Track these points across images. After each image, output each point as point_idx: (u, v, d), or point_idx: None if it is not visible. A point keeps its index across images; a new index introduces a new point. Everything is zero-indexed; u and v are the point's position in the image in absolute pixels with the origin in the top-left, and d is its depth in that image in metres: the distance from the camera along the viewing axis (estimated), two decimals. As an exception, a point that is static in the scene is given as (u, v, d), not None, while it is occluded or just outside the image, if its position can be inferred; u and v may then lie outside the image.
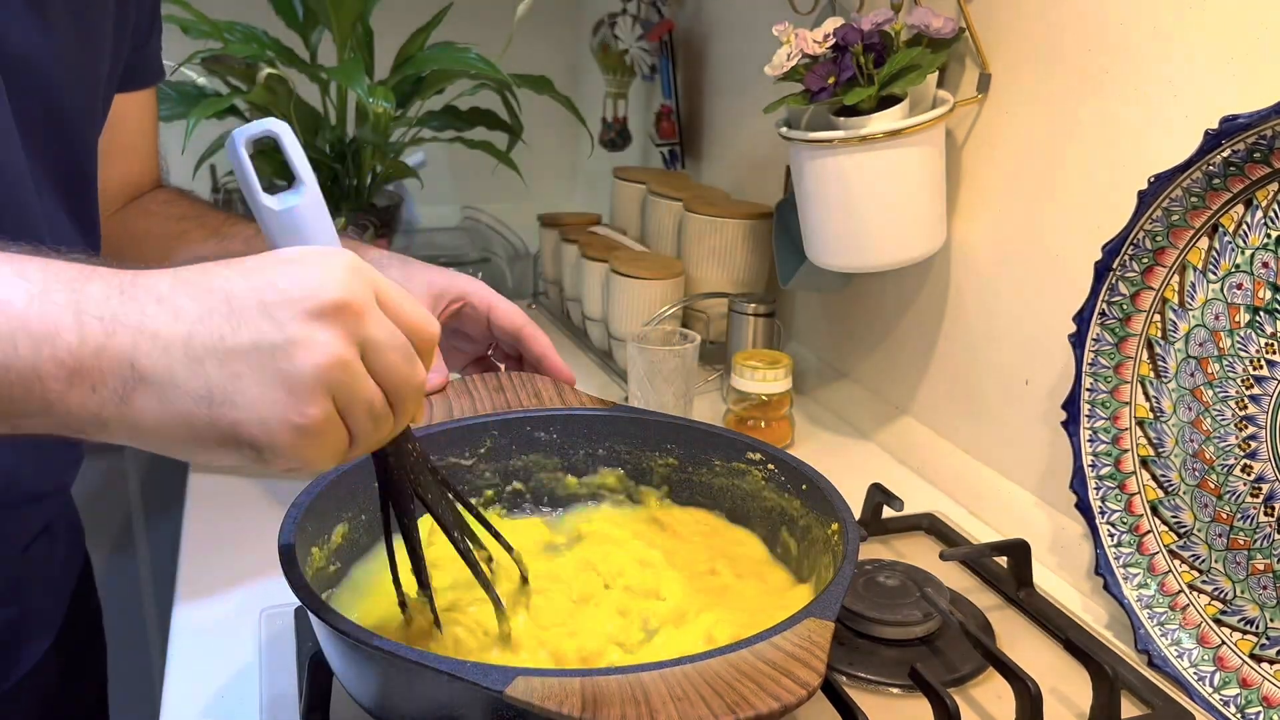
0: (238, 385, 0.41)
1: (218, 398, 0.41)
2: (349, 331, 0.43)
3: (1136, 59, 0.75)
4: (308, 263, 0.44)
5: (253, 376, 0.41)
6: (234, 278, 0.43)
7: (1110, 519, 0.74)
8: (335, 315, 0.42)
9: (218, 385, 0.41)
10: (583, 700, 0.43)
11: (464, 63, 1.22)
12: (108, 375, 0.40)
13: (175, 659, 0.71)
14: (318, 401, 0.42)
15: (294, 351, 0.41)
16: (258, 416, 0.41)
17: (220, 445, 0.42)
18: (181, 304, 0.42)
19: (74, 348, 0.40)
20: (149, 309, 0.41)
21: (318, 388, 0.42)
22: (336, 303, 0.42)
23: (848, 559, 0.56)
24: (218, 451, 0.42)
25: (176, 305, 0.41)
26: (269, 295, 0.42)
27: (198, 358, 0.41)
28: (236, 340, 0.41)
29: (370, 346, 0.44)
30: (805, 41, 0.88)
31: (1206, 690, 0.66)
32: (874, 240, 0.90)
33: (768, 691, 0.44)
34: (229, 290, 0.42)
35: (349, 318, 0.43)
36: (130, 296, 0.41)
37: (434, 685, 0.48)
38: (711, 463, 0.73)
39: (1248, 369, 0.65)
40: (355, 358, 0.43)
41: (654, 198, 1.33)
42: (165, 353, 0.41)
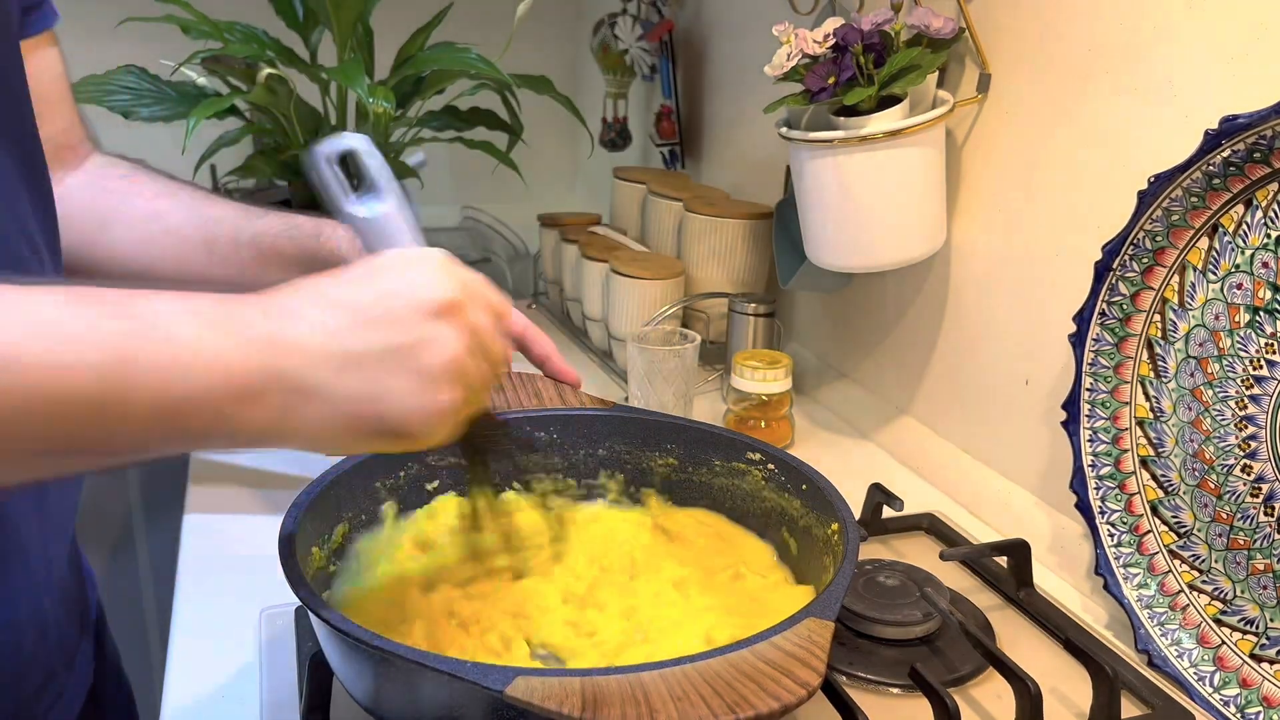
0: (382, 385, 0.46)
1: (366, 397, 0.46)
2: (461, 324, 0.49)
3: (1136, 59, 0.75)
4: (412, 268, 0.49)
5: (393, 376, 0.46)
6: (355, 290, 0.48)
7: (1110, 519, 0.74)
8: (449, 312, 0.48)
9: (365, 387, 0.46)
10: (583, 700, 0.43)
11: (464, 63, 1.22)
12: (272, 392, 0.44)
13: (175, 659, 0.71)
14: (449, 389, 0.48)
15: (423, 350, 0.47)
16: (402, 409, 0.47)
17: (372, 437, 0.47)
18: (319, 319, 0.46)
19: (245, 371, 0.44)
20: (294, 327, 0.46)
21: (447, 377, 0.48)
22: (448, 302, 0.48)
23: (848, 559, 0.56)
24: (369, 443, 0.48)
25: (315, 321, 0.46)
26: (391, 303, 0.47)
27: (344, 366, 0.46)
28: (373, 346, 0.46)
29: (475, 333, 0.50)
30: (805, 41, 0.88)
31: (1206, 690, 0.66)
32: (874, 240, 0.90)
33: (768, 691, 0.44)
34: (355, 302, 0.47)
35: (459, 312, 0.49)
36: (275, 318, 0.46)
37: (434, 685, 0.48)
38: (711, 463, 0.73)
39: (1248, 369, 0.65)
40: (469, 346, 0.49)
41: (654, 198, 1.33)
42: (316, 365, 0.45)
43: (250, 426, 0.44)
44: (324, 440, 0.47)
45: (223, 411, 0.43)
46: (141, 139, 1.16)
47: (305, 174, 0.57)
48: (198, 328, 0.43)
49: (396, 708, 0.52)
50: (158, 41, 1.29)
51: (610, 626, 0.62)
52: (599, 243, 1.31)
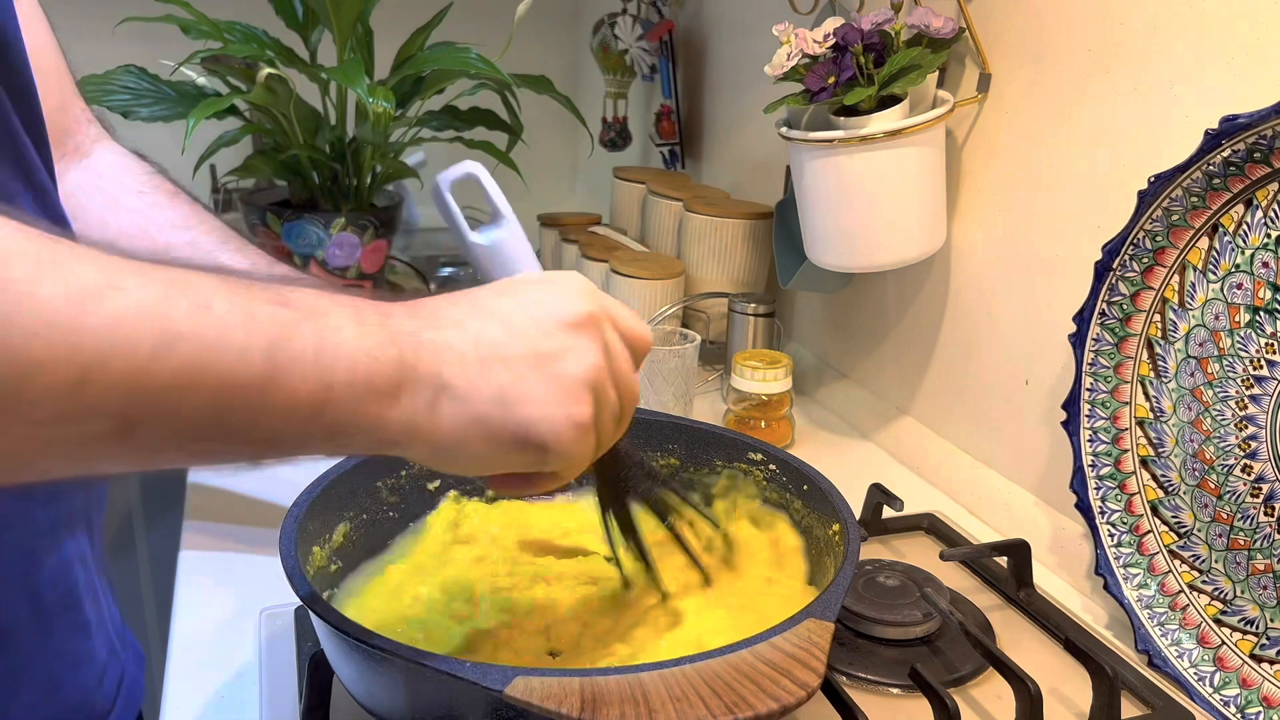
0: (524, 387, 0.46)
1: (509, 398, 0.46)
2: (600, 339, 0.49)
3: (1136, 59, 0.75)
4: (554, 284, 0.50)
5: (534, 379, 0.46)
6: (499, 299, 0.49)
7: (1110, 519, 0.74)
8: (589, 326, 0.49)
9: (508, 387, 0.46)
10: (582, 700, 0.43)
11: (464, 63, 1.22)
12: (422, 388, 0.44)
13: (175, 659, 0.71)
14: (587, 400, 0.48)
15: (565, 356, 0.47)
16: (543, 414, 0.46)
17: (512, 445, 0.46)
18: (465, 321, 0.47)
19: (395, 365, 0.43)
20: (441, 327, 0.46)
21: (585, 387, 0.48)
22: (589, 315, 0.49)
23: (848, 560, 0.56)
24: (509, 453, 0.47)
25: (461, 323, 0.46)
26: (535, 311, 0.48)
27: (488, 365, 0.46)
28: (517, 349, 0.47)
29: (612, 353, 0.50)
30: (805, 41, 0.88)
31: (1206, 690, 0.66)
32: (874, 240, 0.90)
33: (766, 692, 0.44)
34: (498, 309, 0.48)
35: (598, 328, 0.49)
36: (421, 318, 0.46)
37: (434, 685, 0.48)
38: (713, 463, 0.73)
39: (1248, 369, 0.65)
40: (607, 364, 0.49)
41: (654, 198, 1.33)
42: (462, 363, 0.45)
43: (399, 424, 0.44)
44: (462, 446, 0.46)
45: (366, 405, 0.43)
46: (141, 139, 1.15)
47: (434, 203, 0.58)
48: (350, 320, 0.43)
49: (396, 707, 0.52)
50: (158, 41, 1.29)
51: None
52: (599, 243, 1.31)
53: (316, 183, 1.31)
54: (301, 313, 0.42)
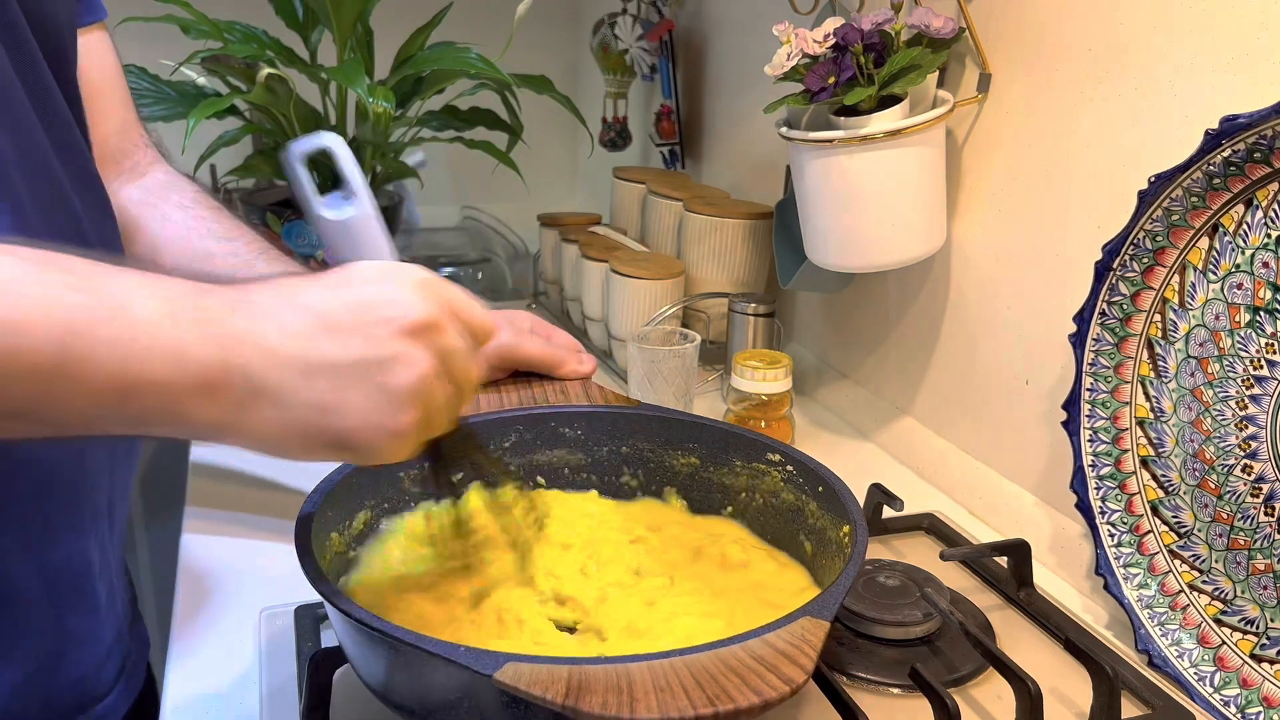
0: (345, 397, 0.45)
1: (324, 407, 0.45)
2: (434, 346, 0.48)
3: (1136, 59, 0.75)
4: (390, 281, 0.48)
5: (358, 390, 0.45)
6: (329, 297, 0.47)
7: (1110, 519, 0.74)
8: (423, 332, 0.47)
9: (324, 397, 0.45)
10: (567, 687, 0.43)
11: (464, 63, 1.22)
12: (233, 388, 0.44)
13: (175, 659, 0.71)
14: (412, 410, 0.47)
15: (393, 368, 0.46)
16: (362, 425, 0.46)
17: (326, 448, 0.46)
18: (289, 321, 0.45)
19: (203, 363, 0.43)
20: (260, 325, 0.45)
21: (410, 399, 0.46)
22: (424, 321, 0.47)
23: (853, 561, 0.57)
24: (322, 453, 0.47)
25: (284, 322, 0.45)
26: (365, 315, 0.46)
27: (310, 373, 0.45)
28: (342, 357, 0.45)
29: (447, 356, 0.48)
30: (805, 41, 0.88)
31: (1207, 690, 0.66)
32: (874, 240, 0.90)
33: (750, 686, 0.44)
34: (326, 309, 0.46)
35: (434, 333, 0.48)
36: (242, 313, 0.45)
37: (431, 667, 0.49)
38: (732, 463, 0.73)
39: (1248, 369, 0.65)
40: (439, 369, 0.48)
41: (654, 198, 1.33)
42: (279, 368, 0.44)
43: (201, 420, 0.44)
44: (273, 444, 0.46)
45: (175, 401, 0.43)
46: (141, 139, 1.15)
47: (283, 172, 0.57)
48: (161, 312, 0.43)
49: (400, 689, 0.53)
50: (158, 41, 1.29)
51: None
52: (599, 243, 1.31)
53: (316, 183, 1.31)
54: (104, 299, 0.42)
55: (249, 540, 0.85)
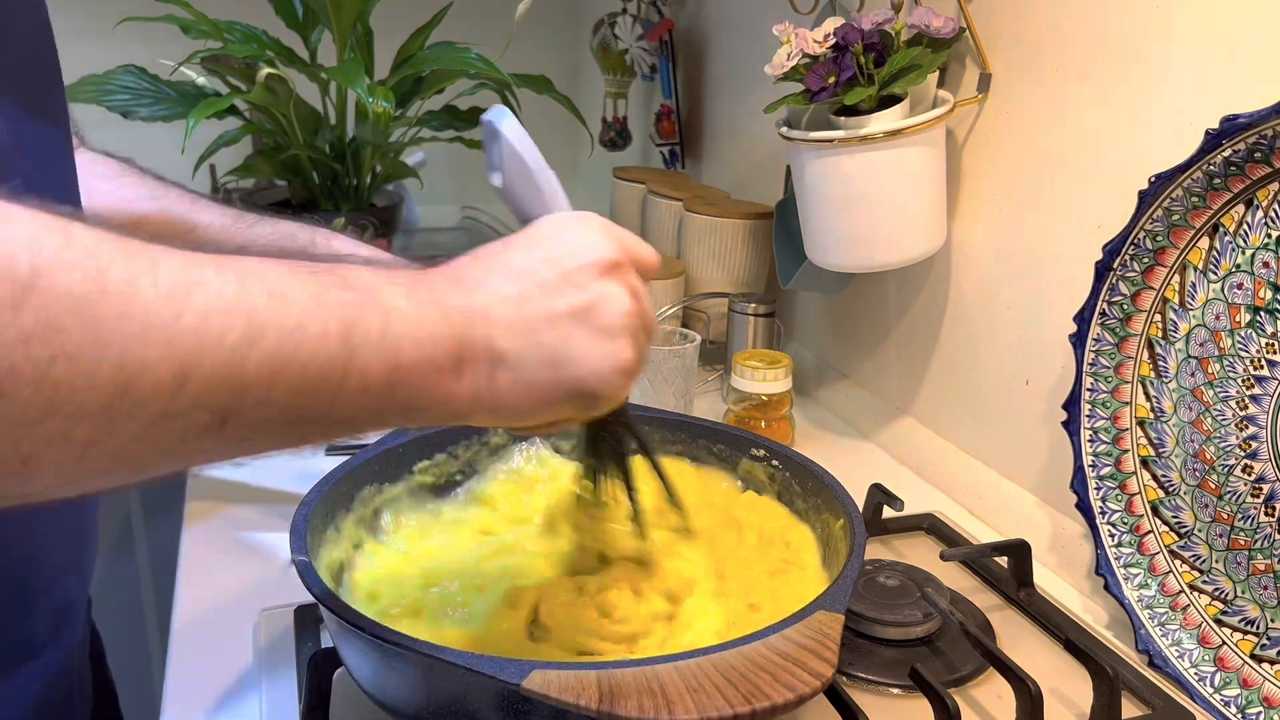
0: (570, 345, 0.47)
1: (558, 360, 0.47)
2: (627, 281, 0.50)
3: (1137, 59, 0.75)
4: (576, 229, 0.51)
5: (578, 336, 0.47)
6: (528, 256, 0.49)
7: (1111, 519, 0.74)
8: (616, 270, 0.50)
9: (555, 349, 0.47)
10: (599, 692, 0.43)
11: (464, 63, 1.22)
12: (478, 360, 0.45)
13: (175, 659, 0.71)
14: (629, 344, 0.49)
15: (602, 308, 0.48)
16: (592, 367, 0.48)
17: (565, 401, 0.48)
18: (501, 286, 0.47)
19: (451, 339, 0.44)
20: (482, 295, 0.46)
21: (625, 331, 0.49)
22: (615, 261, 0.50)
23: (854, 552, 0.57)
24: (563, 407, 0.48)
25: (498, 290, 0.47)
26: (565, 265, 0.48)
27: (533, 329, 0.47)
28: (556, 308, 0.47)
29: (636, 292, 0.51)
30: (805, 41, 0.88)
31: (1207, 690, 0.66)
32: (874, 240, 0.90)
33: (782, 682, 0.44)
34: (531, 268, 0.48)
35: (624, 270, 0.50)
36: (463, 288, 0.46)
37: (450, 678, 0.49)
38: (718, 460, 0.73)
39: (1248, 369, 0.65)
40: (635, 304, 0.50)
41: (654, 198, 1.33)
42: (509, 331, 0.46)
43: (461, 397, 0.45)
44: (520, 409, 0.47)
45: (437, 382, 0.44)
46: (141, 139, 1.16)
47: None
48: (406, 298, 0.44)
49: (408, 700, 0.53)
50: (158, 42, 1.29)
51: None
52: (599, 243, 1.31)
53: (316, 183, 1.31)
54: (364, 294, 0.42)
55: (249, 540, 0.85)
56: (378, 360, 0.42)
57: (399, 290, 0.44)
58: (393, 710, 0.54)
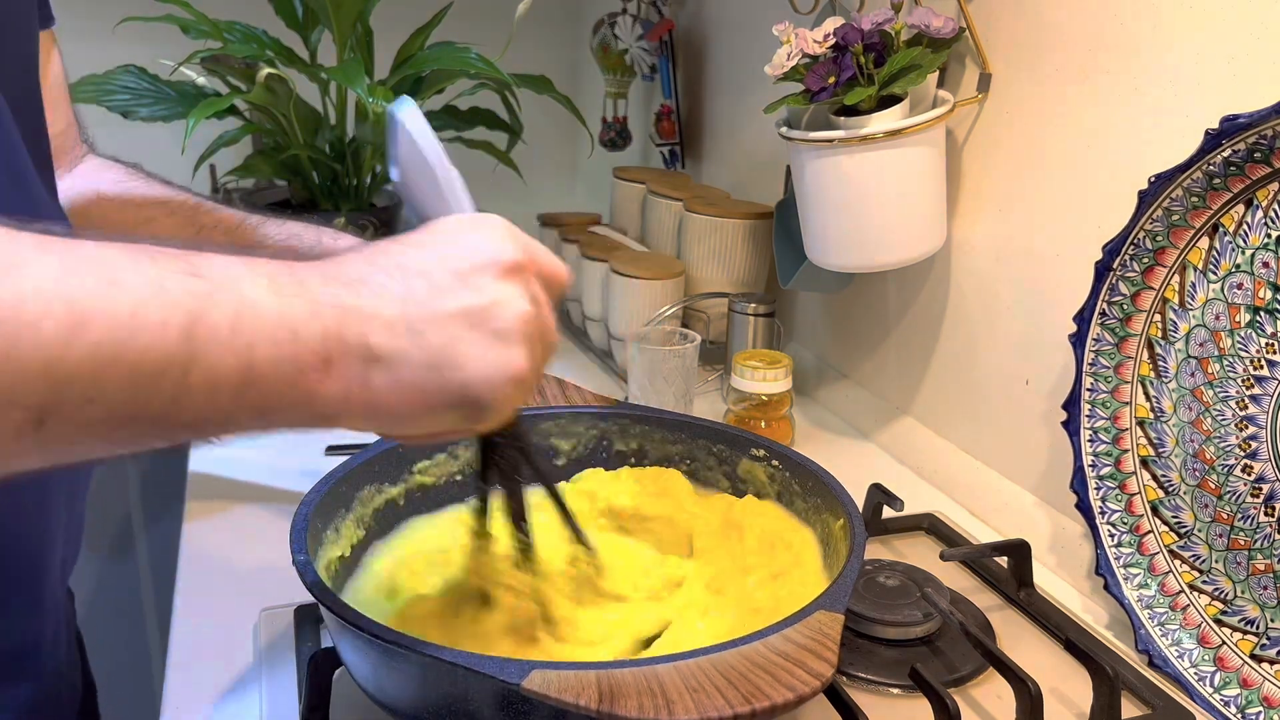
0: (457, 348, 0.44)
1: (443, 363, 0.44)
2: (527, 286, 0.47)
3: (1137, 59, 0.75)
4: (477, 230, 0.48)
5: (468, 338, 0.44)
6: (419, 254, 0.46)
7: (1110, 519, 0.74)
8: (516, 273, 0.47)
9: (441, 351, 0.44)
10: (599, 692, 0.43)
11: (464, 63, 1.22)
12: (351, 360, 0.42)
13: (175, 659, 0.71)
14: (523, 351, 0.46)
15: (497, 311, 0.45)
16: (479, 373, 0.45)
17: (448, 409, 0.45)
18: (386, 284, 0.44)
19: (317, 336, 0.41)
20: (362, 292, 0.43)
21: (520, 336, 0.46)
22: (516, 263, 0.47)
23: (854, 552, 0.57)
24: (445, 416, 0.45)
25: (382, 286, 0.44)
26: (460, 263, 0.46)
27: (418, 330, 0.44)
28: (446, 308, 0.44)
29: (537, 299, 0.48)
30: (805, 41, 0.88)
31: (1207, 690, 0.66)
32: (874, 240, 0.90)
33: (782, 683, 0.44)
34: (422, 263, 0.45)
35: (525, 275, 0.47)
36: (341, 283, 0.44)
37: (449, 678, 0.49)
38: (717, 460, 0.73)
39: (1248, 369, 0.65)
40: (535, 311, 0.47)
41: (654, 198, 1.33)
42: (390, 330, 0.43)
43: (324, 397, 0.42)
44: (397, 415, 0.44)
45: (297, 381, 0.41)
46: (141, 139, 1.16)
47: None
48: (268, 290, 0.41)
49: (411, 700, 0.53)
50: (158, 42, 1.29)
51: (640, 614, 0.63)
52: (599, 243, 1.31)
53: (316, 183, 1.31)
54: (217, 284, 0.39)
55: (249, 540, 0.85)
56: (228, 356, 0.38)
57: (260, 282, 0.41)
58: (393, 710, 0.54)
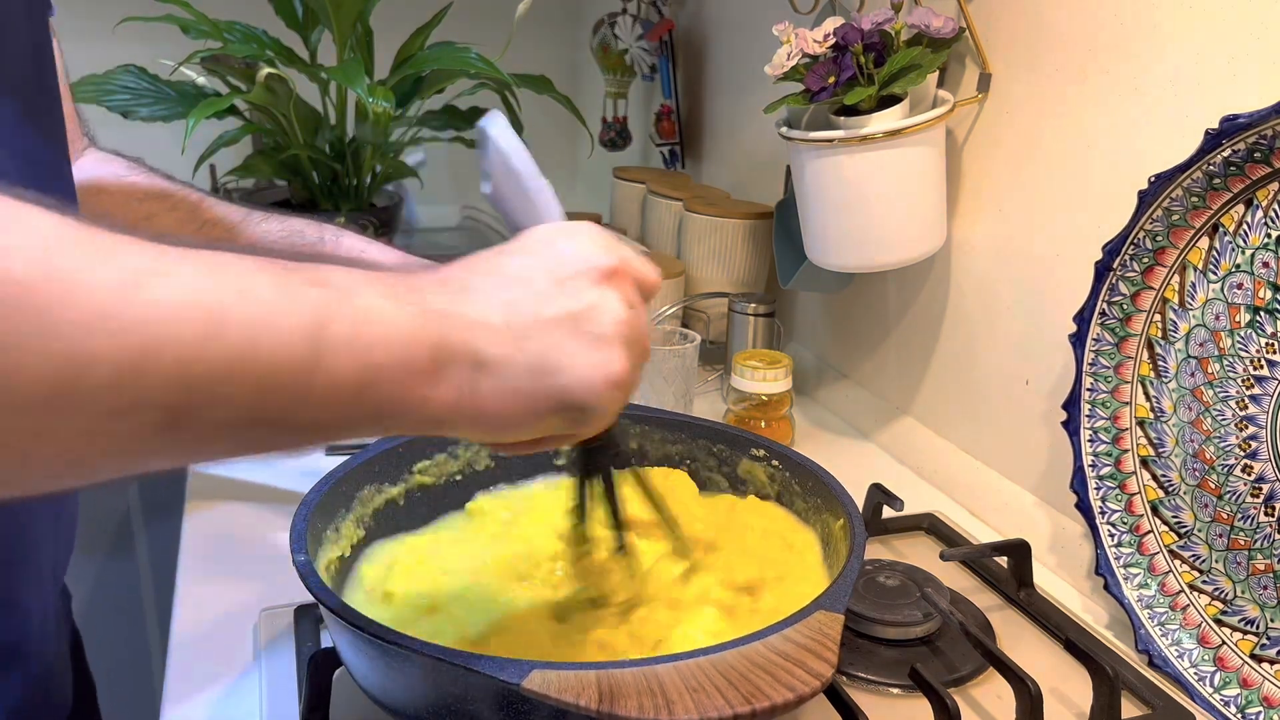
0: (559, 353, 0.45)
1: (546, 367, 0.45)
2: (624, 291, 0.48)
3: (1137, 59, 0.75)
4: (572, 237, 0.49)
5: (569, 344, 0.45)
6: (520, 262, 0.47)
7: (1110, 519, 0.74)
8: (613, 279, 0.48)
9: (542, 356, 0.45)
10: (599, 692, 0.43)
11: (464, 63, 1.22)
12: (458, 366, 0.43)
13: (175, 659, 0.71)
14: (622, 355, 0.47)
15: (596, 315, 0.46)
16: (581, 377, 0.45)
17: (551, 413, 0.46)
18: (491, 292, 0.45)
19: (429, 343, 0.42)
20: (468, 300, 0.45)
21: (619, 340, 0.47)
22: (612, 268, 0.48)
23: (854, 552, 0.57)
24: (548, 420, 0.46)
25: (487, 294, 0.45)
26: (559, 269, 0.47)
27: (521, 335, 0.45)
28: (546, 314, 0.46)
29: (633, 303, 0.49)
30: (805, 41, 0.88)
31: (1207, 690, 0.66)
32: (874, 240, 0.90)
33: (782, 683, 0.44)
34: (522, 271, 0.47)
35: (622, 280, 0.48)
36: (450, 292, 0.45)
37: (449, 678, 0.49)
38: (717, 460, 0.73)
39: (1248, 369, 0.65)
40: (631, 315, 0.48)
41: (654, 198, 1.33)
42: (495, 337, 0.44)
43: (436, 403, 0.43)
44: (503, 420, 0.45)
45: (411, 387, 0.42)
46: (141, 139, 1.16)
47: None
48: (385, 299, 0.42)
49: (410, 700, 0.53)
50: (158, 42, 1.29)
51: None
52: (599, 243, 1.31)
53: (316, 183, 1.31)
54: (339, 292, 0.40)
55: (249, 540, 0.85)
56: (348, 360, 0.39)
57: (376, 290, 0.42)
58: (393, 710, 0.54)
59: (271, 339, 0.37)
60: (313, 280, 0.40)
